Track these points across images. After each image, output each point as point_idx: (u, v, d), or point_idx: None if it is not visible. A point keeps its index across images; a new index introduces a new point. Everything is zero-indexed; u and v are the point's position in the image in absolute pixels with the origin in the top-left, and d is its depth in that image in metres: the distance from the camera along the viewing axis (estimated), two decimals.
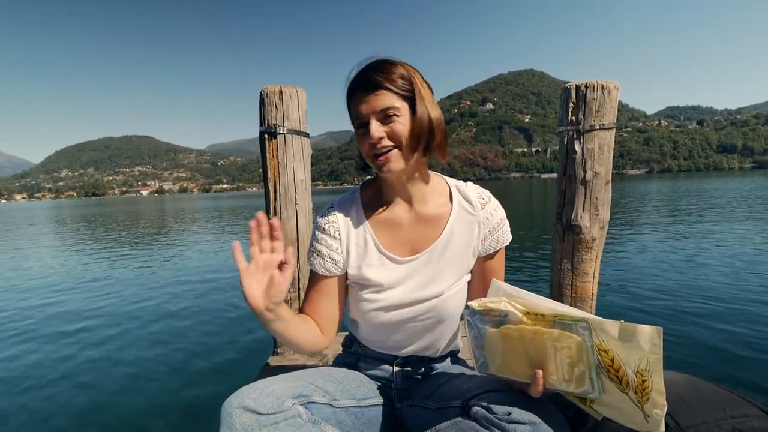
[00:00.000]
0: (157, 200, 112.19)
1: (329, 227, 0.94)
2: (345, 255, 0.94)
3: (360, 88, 0.82)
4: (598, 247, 2.09)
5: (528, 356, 0.69)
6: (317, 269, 0.94)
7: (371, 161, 0.86)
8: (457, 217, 0.93)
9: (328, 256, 0.93)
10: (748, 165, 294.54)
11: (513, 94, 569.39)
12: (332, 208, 0.97)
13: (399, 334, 0.97)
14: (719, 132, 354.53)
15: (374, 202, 0.96)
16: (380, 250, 0.93)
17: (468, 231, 0.93)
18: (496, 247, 0.95)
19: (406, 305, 0.92)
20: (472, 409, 0.80)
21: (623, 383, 0.62)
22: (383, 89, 0.81)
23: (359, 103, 0.82)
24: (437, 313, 0.94)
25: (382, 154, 0.83)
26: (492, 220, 0.94)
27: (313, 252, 0.95)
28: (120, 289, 5.68)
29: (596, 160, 1.98)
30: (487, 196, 0.96)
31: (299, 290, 1.94)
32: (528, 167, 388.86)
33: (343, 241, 0.94)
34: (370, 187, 0.99)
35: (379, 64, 0.83)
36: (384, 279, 0.92)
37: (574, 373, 0.65)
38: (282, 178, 1.84)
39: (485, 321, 0.75)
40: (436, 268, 0.92)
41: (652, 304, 3.96)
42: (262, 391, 0.77)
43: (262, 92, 1.81)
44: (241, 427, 0.72)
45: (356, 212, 0.96)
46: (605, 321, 0.63)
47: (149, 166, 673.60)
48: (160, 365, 3.14)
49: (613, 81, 1.95)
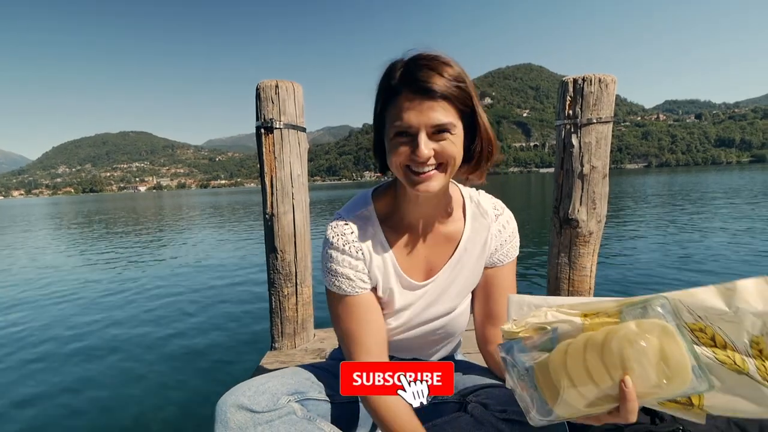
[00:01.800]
0: (155, 196, 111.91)
1: (350, 248, 0.82)
2: (368, 273, 0.84)
3: (412, 89, 0.68)
4: (596, 240, 2.09)
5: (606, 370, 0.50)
6: (350, 291, 0.82)
7: (403, 174, 0.73)
8: (471, 232, 0.87)
9: (357, 278, 0.82)
10: (746, 159, 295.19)
11: (511, 89, 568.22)
12: (348, 224, 0.84)
13: (402, 347, 0.95)
14: (717, 126, 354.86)
15: (390, 218, 0.86)
16: (399, 274, 0.85)
17: (480, 244, 0.87)
18: (504, 260, 0.88)
19: (415, 326, 0.90)
20: (469, 405, 0.80)
21: (738, 362, 0.48)
22: (442, 100, 0.68)
23: (408, 108, 0.68)
24: (446, 330, 0.93)
25: (423, 172, 0.71)
26: (504, 233, 0.88)
27: (337, 276, 0.82)
28: (116, 285, 5.67)
29: (593, 153, 1.97)
30: (500, 206, 0.90)
31: (296, 285, 1.94)
32: (526, 162, 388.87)
33: (367, 261, 0.83)
34: (384, 197, 0.87)
35: (438, 65, 0.68)
36: (399, 303, 0.86)
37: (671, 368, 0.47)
38: (279, 173, 1.83)
39: (527, 349, 0.58)
40: (447, 289, 0.88)
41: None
42: (257, 388, 0.76)
43: (258, 87, 1.80)
44: (236, 426, 0.72)
45: (374, 230, 0.85)
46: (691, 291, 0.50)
47: (147, 162, 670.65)
48: (156, 361, 3.14)
49: (610, 74, 1.94)
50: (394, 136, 0.71)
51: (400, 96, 0.69)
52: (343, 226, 0.83)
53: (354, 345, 0.80)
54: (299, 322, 1.99)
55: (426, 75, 0.67)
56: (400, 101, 0.69)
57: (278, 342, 1.99)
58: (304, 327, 2.01)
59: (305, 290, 1.98)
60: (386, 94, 0.72)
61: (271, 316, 1.99)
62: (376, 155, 0.81)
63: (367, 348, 0.80)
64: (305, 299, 1.98)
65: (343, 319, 0.82)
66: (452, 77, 0.68)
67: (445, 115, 0.69)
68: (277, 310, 1.96)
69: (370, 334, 0.81)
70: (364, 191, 0.89)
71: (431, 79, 0.67)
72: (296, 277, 1.93)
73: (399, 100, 0.69)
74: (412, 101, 0.68)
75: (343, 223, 0.84)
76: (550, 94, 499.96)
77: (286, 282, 1.92)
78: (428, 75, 0.67)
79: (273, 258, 1.90)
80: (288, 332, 1.98)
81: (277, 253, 1.88)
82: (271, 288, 1.95)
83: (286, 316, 1.96)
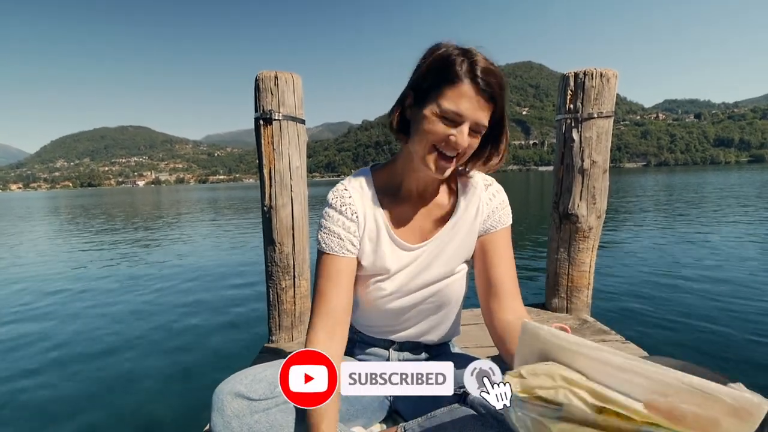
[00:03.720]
0: (154, 191, 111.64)
1: (346, 209, 0.88)
2: (359, 239, 0.89)
3: (476, 84, 0.74)
4: (595, 236, 2.08)
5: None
6: (337, 251, 0.86)
7: (428, 151, 0.79)
8: (463, 201, 0.91)
9: (347, 238, 0.87)
10: (745, 159, 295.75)
11: (511, 87, 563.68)
12: (347, 189, 0.90)
13: (399, 319, 0.95)
14: (716, 126, 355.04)
15: (388, 187, 0.92)
16: (392, 237, 0.90)
17: (473, 211, 0.91)
18: (497, 226, 0.91)
19: (412, 291, 0.91)
20: (469, 396, 0.80)
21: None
22: (494, 105, 0.77)
23: (467, 100, 0.74)
24: (440, 297, 0.93)
25: (450, 158, 0.79)
26: (494, 201, 0.92)
27: (329, 233, 0.87)
28: (115, 278, 5.66)
29: (594, 148, 1.97)
30: (490, 179, 0.96)
31: (294, 277, 1.93)
32: (525, 160, 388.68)
33: (360, 224, 0.89)
34: (383, 172, 0.94)
35: (499, 73, 0.76)
36: (393, 265, 0.89)
37: None
38: (277, 165, 1.82)
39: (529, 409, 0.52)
40: (441, 252, 0.90)
41: (649, 295, 3.98)
42: (254, 377, 0.76)
43: (257, 78, 1.78)
44: (232, 413, 0.72)
45: (371, 196, 0.91)
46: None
47: (145, 157, 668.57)
48: (153, 352, 3.14)
49: (611, 69, 1.93)
50: (438, 115, 0.76)
51: (462, 84, 0.74)
52: (342, 191, 0.90)
53: (320, 302, 0.84)
54: (297, 315, 1.98)
55: (492, 78, 0.74)
56: (462, 88, 0.74)
57: (275, 335, 1.98)
58: (301, 320, 2.00)
59: (303, 283, 1.97)
60: (446, 75, 0.75)
61: (268, 308, 1.98)
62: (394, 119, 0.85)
63: (332, 304, 0.83)
64: (303, 292, 1.97)
65: (321, 276, 0.86)
66: (502, 87, 0.76)
67: (486, 117, 0.77)
68: (275, 303, 1.95)
69: (339, 296, 0.84)
70: (363, 168, 0.97)
71: (495, 84, 0.75)
72: (294, 269, 1.92)
73: (461, 87, 0.74)
74: (472, 95, 0.74)
75: (342, 188, 0.91)
76: (549, 92, 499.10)
77: (284, 275, 1.91)
78: (494, 79, 0.74)
79: (271, 250, 1.89)
80: (285, 325, 1.97)
81: (275, 245, 1.87)
82: (268, 281, 1.94)
83: (283, 309, 1.95)
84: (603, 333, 1.89)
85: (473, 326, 1.98)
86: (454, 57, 0.74)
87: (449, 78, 0.74)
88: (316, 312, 0.84)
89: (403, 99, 0.82)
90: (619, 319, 3.32)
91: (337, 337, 0.83)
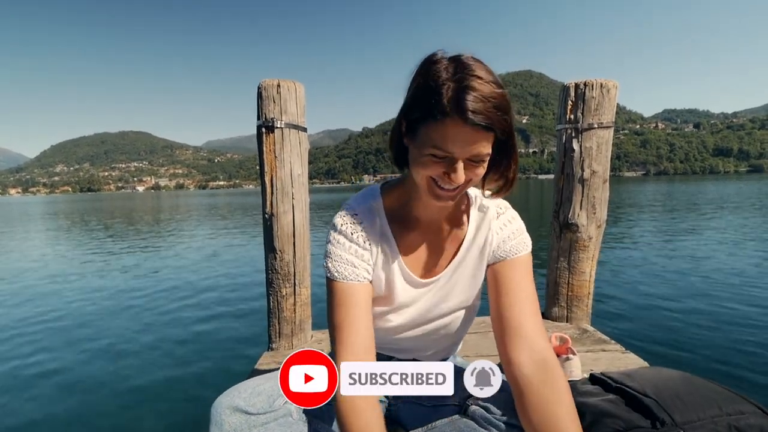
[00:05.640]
0: (154, 196, 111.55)
1: (358, 237, 0.82)
2: (373, 267, 0.84)
3: (462, 117, 0.63)
4: (595, 246, 2.09)
5: None
6: (352, 278, 0.80)
7: (427, 185, 0.73)
8: (474, 231, 0.87)
9: (361, 266, 0.81)
10: (744, 168, 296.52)
11: (511, 95, 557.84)
12: (357, 215, 0.84)
13: (404, 345, 0.95)
14: (715, 135, 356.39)
15: (398, 214, 0.86)
16: (402, 269, 0.85)
17: (482, 241, 0.86)
18: (509, 256, 0.84)
19: (419, 324, 0.90)
20: (470, 408, 0.80)
21: None
22: (489, 132, 0.65)
23: (454, 137, 0.65)
24: (448, 330, 0.92)
25: (450, 190, 0.72)
26: (506, 230, 0.86)
27: (341, 261, 0.81)
28: (113, 286, 5.64)
29: (594, 158, 1.98)
30: (504, 206, 0.89)
31: (295, 285, 1.93)
32: (525, 168, 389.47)
33: (373, 253, 0.84)
34: (392, 193, 0.87)
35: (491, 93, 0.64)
36: (401, 299, 0.86)
37: None
38: (279, 172, 1.83)
39: None
40: (453, 288, 0.88)
41: (649, 305, 3.97)
42: (253, 390, 0.76)
43: (260, 86, 1.80)
44: (231, 428, 0.71)
45: (381, 223, 0.85)
46: None
47: (145, 162, 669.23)
48: (151, 361, 3.11)
49: (612, 80, 1.95)
50: (429, 153, 0.68)
51: (446, 119, 0.64)
52: (353, 216, 0.84)
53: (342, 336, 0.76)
54: (297, 323, 1.97)
55: (480, 107, 0.62)
56: (446, 127, 0.64)
57: (275, 343, 1.98)
58: (301, 328, 1.99)
59: (303, 291, 1.96)
60: (431, 109, 0.65)
61: (268, 316, 1.98)
62: (392, 147, 0.78)
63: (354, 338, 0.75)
64: (303, 300, 1.97)
65: (338, 306, 0.79)
66: (504, 110, 0.65)
67: (486, 147, 0.67)
68: (275, 311, 1.95)
69: (361, 326, 0.77)
70: (373, 185, 0.89)
71: (483, 112, 0.63)
72: (295, 277, 1.92)
73: (445, 125, 0.64)
74: (459, 131, 0.64)
75: (352, 212, 0.84)
76: (549, 100, 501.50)
77: (285, 282, 1.91)
78: (482, 107, 0.62)
79: (272, 258, 1.89)
80: (285, 333, 1.96)
81: (276, 253, 1.87)
82: (269, 288, 1.94)
83: (283, 317, 1.95)
84: (603, 343, 1.88)
85: (474, 335, 1.97)
86: (441, 83, 0.64)
87: (434, 114, 0.64)
88: (340, 347, 0.75)
89: (398, 127, 0.75)
90: (619, 329, 3.31)
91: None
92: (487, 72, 0.65)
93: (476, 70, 0.64)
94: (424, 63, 0.69)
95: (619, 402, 0.95)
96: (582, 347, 1.81)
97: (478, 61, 0.66)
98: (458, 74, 0.64)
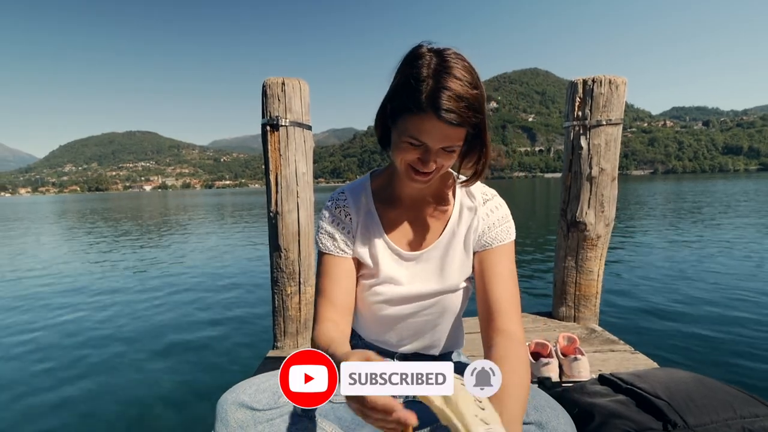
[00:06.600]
0: (161, 195, 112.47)
1: (340, 212, 0.92)
2: (353, 240, 0.92)
3: (437, 114, 0.69)
4: (603, 245, 2.06)
5: None
6: (332, 250, 0.90)
7: (405, 169, 0.80)
8: (459, 213, 0.91)
9: (340, 239, 0.91)
10: (754, 167, 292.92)
11: (517, 93, 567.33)
12: (343, 193, 0.94)
13: (400, 329, 0.95)
14: (725, 133, 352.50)
15: (384, 193, 0.94)
16: (387, 242, 0.91)
17: (466, 227, 0.91)
18: (494, 243, 0.89)
19: (409, 300, 0.91)
20: None
21: None
22: (461, 127, 0.72)
23: (429, 130, 0.72)
24: (439, 309, 0.92)
25: (425, 173, 0.78)
26: (492, 217, 0.90)
27: (324, 233, 0.92)
28: (119, 283, 5.68)
29: (602, 156, 1.95)
30: (491, 193, 0.94)
31: (300, 284, 1.92)
32: (531, 167, 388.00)
33: (353, 226, 0.92)
34: (381, 177, 0.97)
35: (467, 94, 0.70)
36: (388, 272, 0.90)
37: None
38: (284, 171, 1.82)
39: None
40: (439, 264, 0.90)
41: (659, 305, 3.92)
42: (258, 386, 0.76)
43: (264, 84, 1.79)
44: (236, 424, 0.71)
45: (366, 201, 0.93)
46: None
47: (152, 162, 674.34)
48: (157, 359, 3.13)
49: (620, 76, 1.92)
50: (406, 141, 0.75)
51: (423, 114, 0.71)
52: (340, 194, 0.95)
53: (321, 298, 0.87)
54: (302, 322, 1.97)
55: (453, 106, 0.68)
56: (423, 121, 0.71)
57: (280, 341, 1.97)
58: (306, 327, 1.99)
59: (308, 290, 1.96)
60: (409, 102, 0.71)
61: (273, 315, 1.98)
62: (377, 127, 0.85)
63: (333, 299, 0.86)
64: (308, 299, 1.97)
65: (319, 275, 0.91)
66: (476, 109, 0.71)
67: (458, 138, 0.74)
68: (280, 309, 1.94)
69: (339, 291, 0.87)
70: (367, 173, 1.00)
71: (458, 110, 0.69)
72: (300, 276, 1.92)
73: (421, 119, 0.71)
74: (434, 126, 0.71)
75: (340, 192, 0.95)
76: (555, 98, 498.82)
77: (290, 281, 1.90)
78: (455, 106, 0.69)
79: (276, 256, 1.89)
80: (290, 331, 1.96)
81: (280, 251, 1.87)
82: (274, 287, 1.94)
83: (288, 315, 1.94)
84: (611, 343, 1.86)
85: (474, 335, 1.95)
86: (421, 81, 0.70)
87: (411, 107, 0.71)
88: (319, 306, 0.87)
89: (383, 111, 0.81)
90: (627, 329, 3.27)
91: (341, 326, 0.84)
92: (465, 71, 0.70)
93: (454, 70, 0.70)
94: (409, 55, 0.75)
95: (630, 403, 0.93)
96: (590, 347, 1.79)
97: (459, 58, 0.72)
98: (437, 73, 0.70)
